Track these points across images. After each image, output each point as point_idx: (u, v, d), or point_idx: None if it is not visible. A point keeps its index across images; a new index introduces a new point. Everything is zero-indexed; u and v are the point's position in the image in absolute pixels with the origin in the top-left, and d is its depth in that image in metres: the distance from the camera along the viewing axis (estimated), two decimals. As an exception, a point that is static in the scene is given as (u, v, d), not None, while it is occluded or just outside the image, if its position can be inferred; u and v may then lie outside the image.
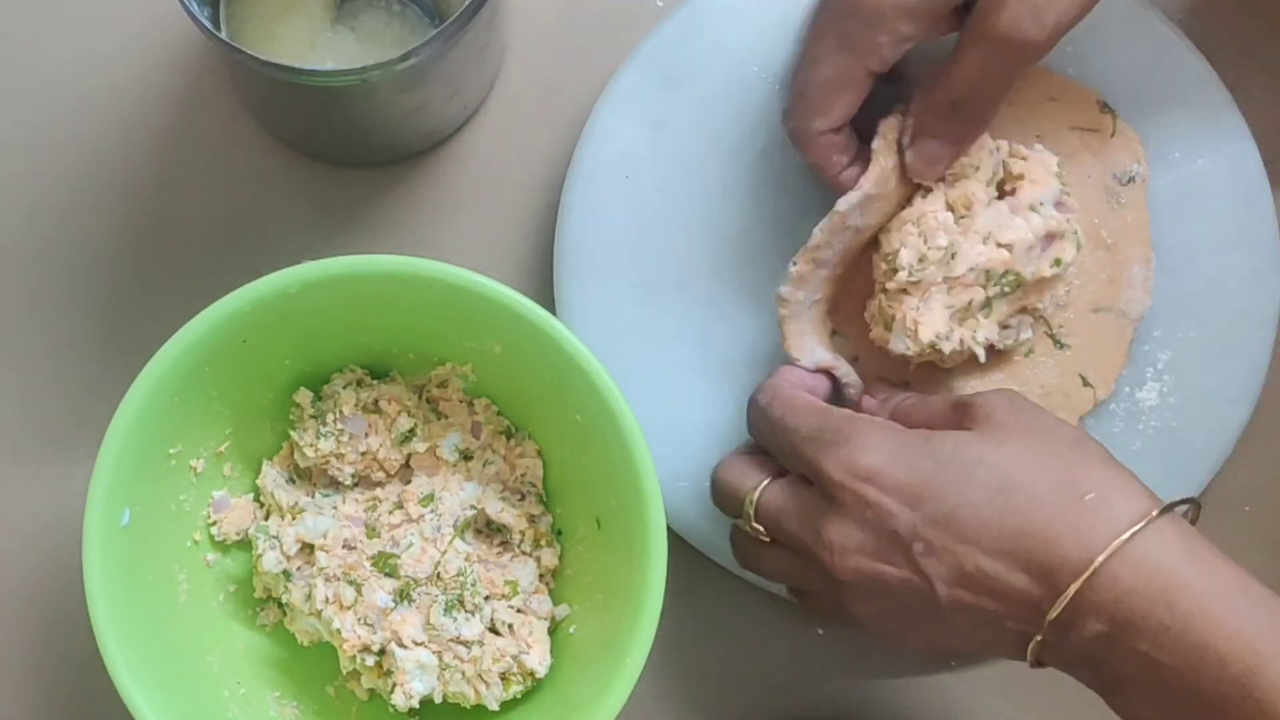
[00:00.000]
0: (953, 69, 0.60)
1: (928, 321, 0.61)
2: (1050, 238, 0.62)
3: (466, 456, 0.66)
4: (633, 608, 0.59)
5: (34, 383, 0.69)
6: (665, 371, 0.67)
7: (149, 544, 0.62)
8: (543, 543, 0.66)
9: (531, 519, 0.66)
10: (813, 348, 0.63)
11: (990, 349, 0.63)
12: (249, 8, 0.66)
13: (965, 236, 0.61)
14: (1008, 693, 0.69)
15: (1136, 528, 0.52)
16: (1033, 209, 0.62)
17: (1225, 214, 0.66)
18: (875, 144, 0.62)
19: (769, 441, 0.61)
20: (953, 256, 0.61)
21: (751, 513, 0.60)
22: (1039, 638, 0.54)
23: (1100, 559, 0.52)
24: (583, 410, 0.62)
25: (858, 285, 0.65)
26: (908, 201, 0.63)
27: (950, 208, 0.62)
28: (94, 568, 0.58)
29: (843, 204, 0.61)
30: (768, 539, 0.60)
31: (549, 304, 0.65)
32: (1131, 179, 0.65)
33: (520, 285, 0.64)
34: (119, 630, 0.59)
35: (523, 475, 0.66)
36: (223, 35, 0.64)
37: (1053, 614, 0.53)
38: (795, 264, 0.62)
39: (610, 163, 0.67)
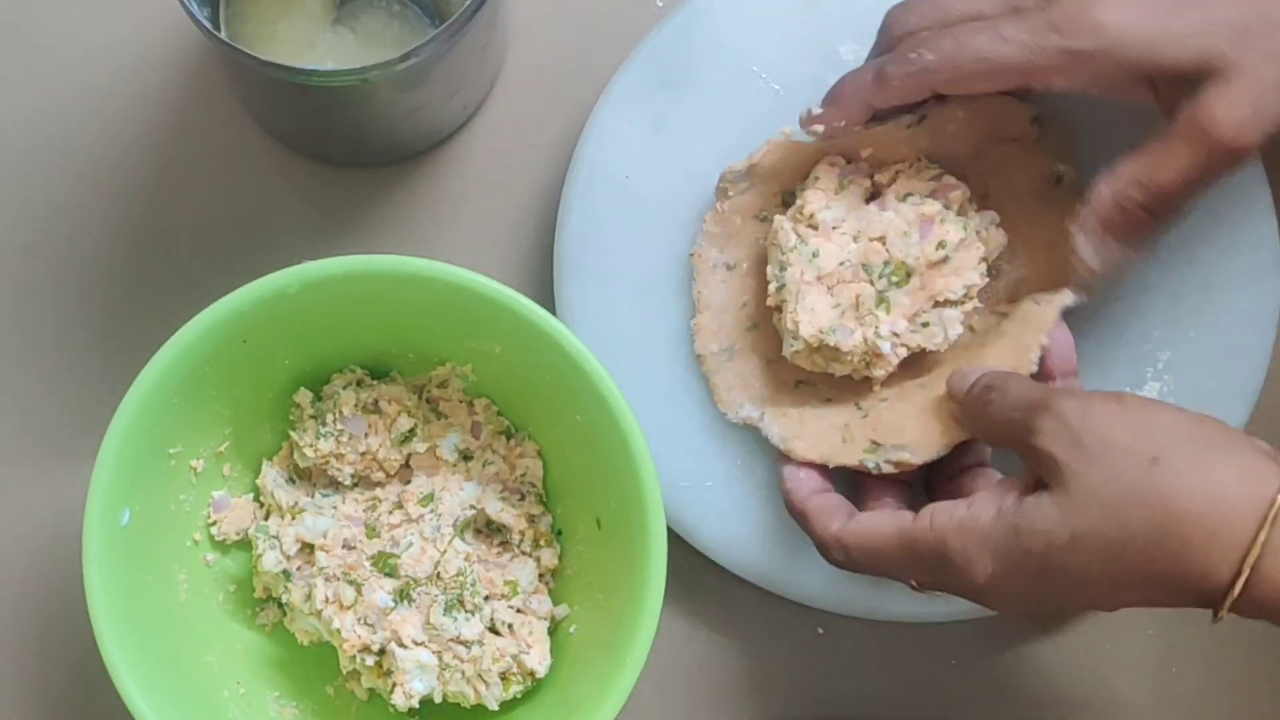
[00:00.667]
0: (1160, 169, 0.55)
1: (807, 319, 0.62)
2: (927, 222, 0.62)
3: (466, 456, 0.66)
4: (633, 608, 0.59)
5: (33, 383, 0.69)
6: (665, 371, 0.67)
7: (149, 544, 0.62)
8: (542, 543, 0.66)
9: (531, 519, 0.66)
10: (740, 403, 0.65)
11: (923, 353, 0.63)
12: (249, 8, 0.66)
13: (829, 238, 0.62)
14: (1009, 690, 0.69)
15: (1263, 537, 0.49)
16: (901, 200, 0.62)
17: (1225, 213, 0.66)
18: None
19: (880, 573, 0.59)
20: (814, 255, 0.62)
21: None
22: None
23: (1238, 587, 0.50)
24: (583, 410, 0.61)
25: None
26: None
27: (796, 219, 0.63)
28: (94, 568, 0.58)
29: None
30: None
31: (549, 304, 0.65)
32: (1060, 179, 0.65)
33: (520, 285, 0.64)
34: (119, 630, 0.59)
35: (523, 475, 0.66)
36: (223, 35, 0.64)
37: (1220, 617, 0.51)
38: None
39: (610, 163, 0.67)
